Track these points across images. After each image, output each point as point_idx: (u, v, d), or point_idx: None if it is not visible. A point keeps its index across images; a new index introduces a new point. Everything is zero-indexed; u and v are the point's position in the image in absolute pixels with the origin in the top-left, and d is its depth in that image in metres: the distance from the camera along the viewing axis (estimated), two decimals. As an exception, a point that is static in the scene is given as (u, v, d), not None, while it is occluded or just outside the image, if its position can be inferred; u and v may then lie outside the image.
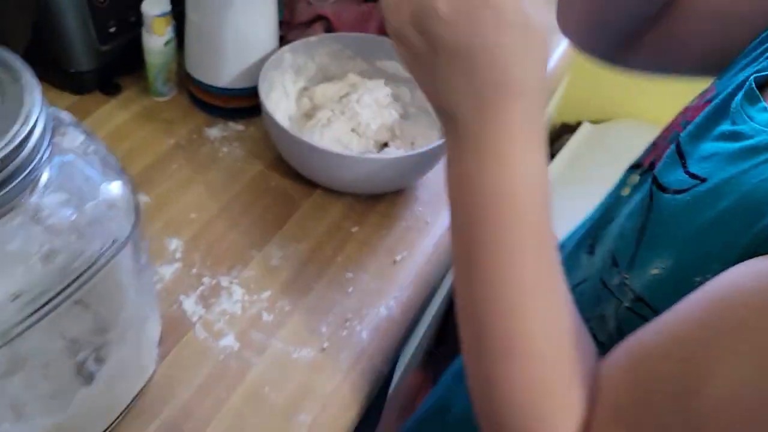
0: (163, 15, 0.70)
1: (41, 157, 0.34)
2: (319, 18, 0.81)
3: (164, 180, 0.68)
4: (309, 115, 0.74)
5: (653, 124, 1.59)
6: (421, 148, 0.65)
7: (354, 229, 0.66)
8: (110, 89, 0.76)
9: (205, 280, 0.60)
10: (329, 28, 0.81)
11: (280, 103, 0.73)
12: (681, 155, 0.44)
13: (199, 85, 0.74)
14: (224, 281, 0.60)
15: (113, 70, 0.77)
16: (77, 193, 0.38)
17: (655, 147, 0.52)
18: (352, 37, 0.76)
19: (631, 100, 1.54)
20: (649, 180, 0.46)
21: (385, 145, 0.72)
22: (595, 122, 1.57)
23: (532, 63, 0.38)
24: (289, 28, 0.84)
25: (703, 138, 0.43)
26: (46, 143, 0.35)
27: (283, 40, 0.82)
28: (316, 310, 0.59)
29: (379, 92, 0.71)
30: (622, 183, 0.54)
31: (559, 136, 1.62)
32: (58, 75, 0.74)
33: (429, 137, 0.73)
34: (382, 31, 0.82)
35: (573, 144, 1.51)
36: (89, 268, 0.37)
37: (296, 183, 0.69)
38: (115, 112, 0.74)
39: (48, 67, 0.74)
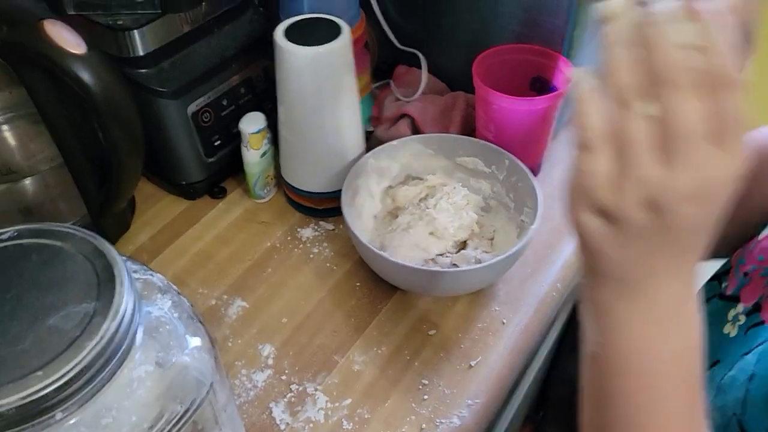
0: (259, 131, 0.78)
1: (130, 344, 0.41)
2: (404, 116, 0.86)
3: (260, 284, 0.75)
4: (393, 213, 0.79)
5: None
6: (500, 253, 0.67)
7: (431, 332, 0.70)
8: (217, 193, 0.85)
9: (293, 387, 0.66)
10: (413, 124, 0.85)
11: (365, 204, 0.78)
12: None
13: (293, 189, 0.80)
14: (310, 388, 0.65)
15: (220, 175, 0.85)
16: (163, 358, 0.44)
17: (751, 281, 0.49)
18: (433, 138, 0.79)
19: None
20: None
21: (464, 244, 0.74)
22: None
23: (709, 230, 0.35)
24: (377, 123, 0.89)
25: None
26: (135, 329, 0.41)
27: (370, 135, 0.87)
28: (392, 417, 0.63)
29: (456, 195, 0.74)
30: (719, 315, 0.51)
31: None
32: (172, 185, 0.84)
33: (508, 232, 0.75)
34: (463, 123, 0.85)
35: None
36: (174, 426, 0.43)
37: (378, 283, 0.74)
38: (221, 216, 0.83)
39: (162, 178, 0.84)
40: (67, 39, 0.60)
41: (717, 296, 0.52)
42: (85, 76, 0.60)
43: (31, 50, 0.59)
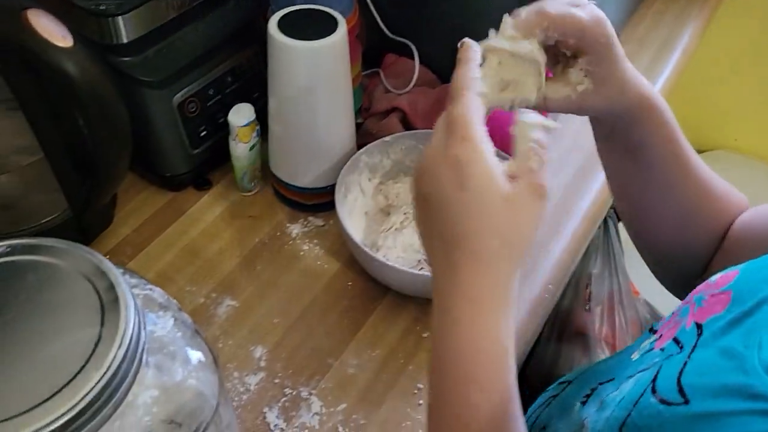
0: (248, 124, 0.75)
1: (136, 371, 0.39)
2: (395, 109, 0.84)
3: (249, 282, 0.73)
4: (385, 211, 0.77)
5: (749, 156, 1.51)
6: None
7: (425, 335, 0.69)
8: (203, 184, 0.82)
9: (287, 391, 0.65)
10: (404, 118, 0.84)
11: (357, 201, 0.77)
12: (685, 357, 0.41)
13: (282, 183, 0.78)
14: (304, 392, 0.64)
15: (205, 166, 0.82)
16: (168, 381, 0.43)
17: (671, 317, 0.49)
18: (424, 133, 0.78)
19: (725, 129, 1.48)
20: (656, 368, 0.43)
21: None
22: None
23: (488, 225, 0.41)
24: (367, 116, 0.87)
25: (707, 344, 0.41)
26: (141, 354, 0.40)
27: (360, 127, 0.85)
28: (388, 423, 0.63)
29: (451, 195, 0.73)
30: (638, 343, 0.52)
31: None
32: (156, 176, 0.81)
33: (501, 232, 0.75)
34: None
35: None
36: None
37: (370, 283, 0.73)
38: (207, 209, 0.80)
39: (145, 168, 0.81)
40: (52, 30, 0.56)
41: (648, 330, 0.53)
42: (72, 70, 0.56)
43: (14, 41, 0.56)
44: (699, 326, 0.43)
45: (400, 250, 0.71)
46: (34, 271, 0.42)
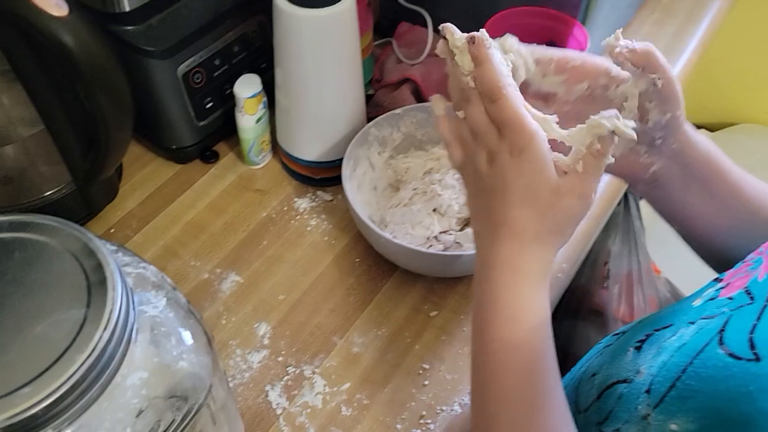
0: (254, 96, 0.73)
1: (124, 352, 0.38)
2: (407, 80, 0.81)
3: (255, 258, 0.72)
4: (395, 186, 0.75)
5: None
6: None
7: (433, 314, 0.68)
8: (209, 157, 0.81)
9: (290, 369, 0.63)
10: (417, 90, 0.81)
11: (366, 175, 0.75)
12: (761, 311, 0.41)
13: (289, 156, 0.77)
14: (307, 371, 0.63)
15: (212, 138, 0.81)
16: (159, 363, 0.42)
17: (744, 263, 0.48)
18: (437, 106, 0.75)
19: (755, 102, 1.42)
20: (723, 317, 0.42)
21: (469, 221, 0.72)
22: (712, 128, 1.46)
23: (531, 213, 0.45)
24: (378, 87, 0.84)
25: None
26: (129, 335, 0.39)
27: (371, 99, 0.83)
28: (392, 403, 0.62)
29: (462, 170, 0.71)
30: (701, 291, 0.50)
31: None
32: (162, 149, 0.79)
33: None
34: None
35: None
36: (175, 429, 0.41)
37: (378, 260, 0.71)
38: (214, 182, 0.79)
39: (151, 141, 0.80)
40: (47, -2, 0.54)
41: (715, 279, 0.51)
42: (68, 40, 0.55)
43: (7, 9, 0.54)
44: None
45: (408, 227, 0.68)
46: (22, 249, 0.41)
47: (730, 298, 0.43)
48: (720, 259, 0.57)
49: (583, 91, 0.51)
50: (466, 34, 0.47)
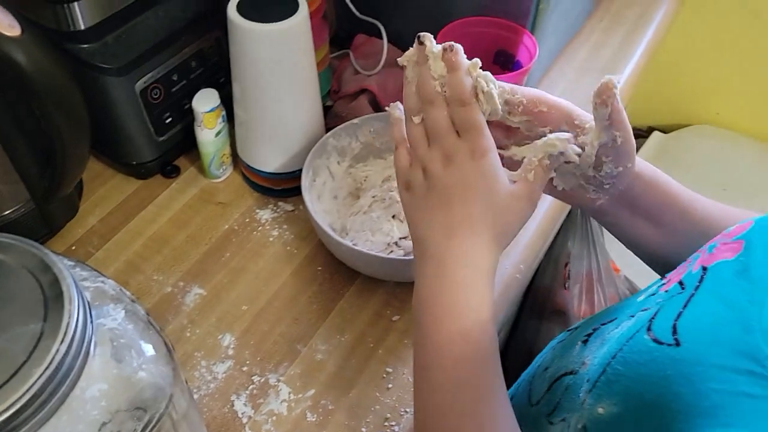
0: (213, 110, 0.74)
1: (82, 365, 0.39)
2: (364, 91, 0.83)
3: (218, 270, 0.72)
4: (354, 194, 0.77)
5: (731, 130, 1.50)
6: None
7: (395, 318, 0.69)
8: (170, 172, 0.81)
9: (255, 378, 0.64)
10: (374, 100, 0.83)
11: (326, 185, 0.76)
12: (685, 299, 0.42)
13: (250, 169, 0.77)
14: (272, 379, 0.64)
15: (172, 153, 0.81)
16: (118, 375, 0.42)
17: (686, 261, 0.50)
18: (394, 115, 0.77)
19: (707, 103, 1.47)
20: (656, 307, 0.44)
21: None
22: (665, 130, 1.50)
23: (496, 214, 0.48)
24: (336, 98, 0.86)
25: (710, 290, 0.41)
26: (87, 348, 0.39)
27: (329, 110, 0.84)
28: (357, 407, 0.63)
29: (419, 177, 0.73)
30: (647, 288, 0.52)
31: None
32: (122, 165, 0.80)
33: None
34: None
35: (642, 156, 1.44)
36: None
37: (340, 268, 0.72)
38: (175, 196, 0.79)
39: (111, 157, 0.80)
40: (-1, 18, 0.55)
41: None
42: (22, 60, 0.55)
43: (-41, 31, 0.55)
44: (704, 269, 0.44)
45: (369, 234, 0.70)
46: (-23, 266, 0.41)
47: (666, 291, 0.46)
48: (669, 270, 0.60)
49: (544, 133, 0.52)
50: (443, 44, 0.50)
